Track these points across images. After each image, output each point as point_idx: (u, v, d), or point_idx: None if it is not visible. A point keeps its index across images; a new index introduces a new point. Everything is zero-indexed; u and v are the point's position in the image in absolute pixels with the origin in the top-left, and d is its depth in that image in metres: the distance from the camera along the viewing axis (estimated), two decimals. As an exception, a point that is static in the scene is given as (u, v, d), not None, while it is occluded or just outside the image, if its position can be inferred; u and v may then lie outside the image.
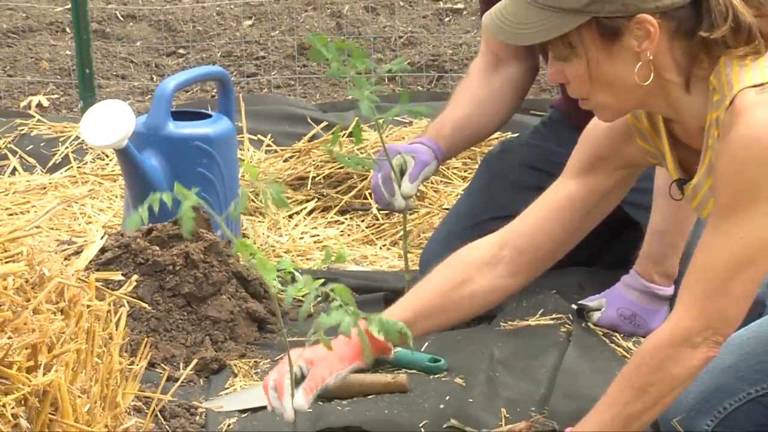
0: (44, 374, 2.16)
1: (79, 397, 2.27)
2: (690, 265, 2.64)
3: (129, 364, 2.52)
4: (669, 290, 3.41)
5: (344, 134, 4.46)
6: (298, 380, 2.74)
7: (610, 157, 2.86)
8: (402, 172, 3.59)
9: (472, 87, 3.83)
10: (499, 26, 2.64)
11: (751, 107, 2.53)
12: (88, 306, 2.32)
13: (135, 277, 2.58)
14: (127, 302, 2.60)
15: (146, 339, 2.84)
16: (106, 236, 3.34)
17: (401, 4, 6.15)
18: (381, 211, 4.22)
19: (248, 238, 3.95)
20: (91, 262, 3.20)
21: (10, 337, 2.12)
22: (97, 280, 2.42)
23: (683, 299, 2.62)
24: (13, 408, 2.11)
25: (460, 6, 6.20)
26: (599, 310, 3.40)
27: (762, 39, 2.58)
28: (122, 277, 2.55)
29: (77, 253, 2.94)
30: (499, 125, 3.92)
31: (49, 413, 2.20)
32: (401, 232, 4.11)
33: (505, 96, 3.80)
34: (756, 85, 2.55)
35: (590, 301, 3.43)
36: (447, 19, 6.11)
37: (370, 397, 3.12)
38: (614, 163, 2.86)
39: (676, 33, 2.59)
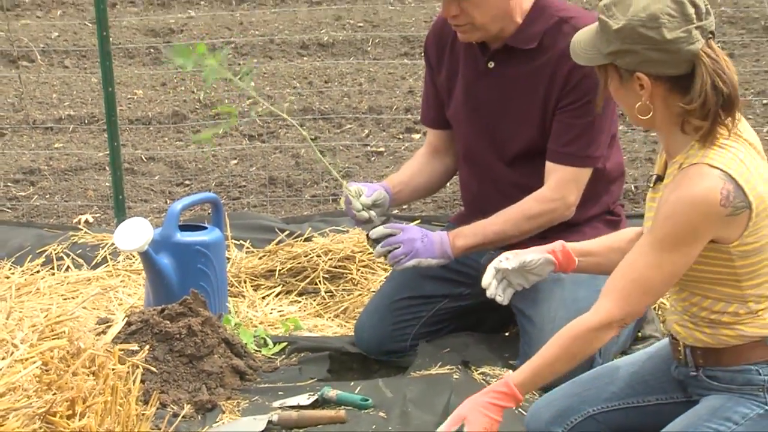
0: (79, 420, 2.14)
1: (106, 433, 2.24)
2: (618, 271, 2.64)
3: (143, 410, 2.49)
4: None
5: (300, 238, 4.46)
6: None
7: None
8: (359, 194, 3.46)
9: (416, 162, 3.72)
10: (577, 42, 2.68)
11: (699, 176, 2.54)
12: (113, 369, 2.30)
13: (147, 347, 2.58)
14: (141, 364, 2.56)
15: (155, 392, 2.82)
16: (129, 317, 3.32)
17: (341, 148, 6.17)
18: (330, 288, 4.19)
19: (232, 314, 3.92)
20: (120, 332, 3.18)
21: (54, 394, 2.10)
22: (119, 350, 2.40)
23: (610, 296, 2.62)
24: (56, 444, 2.08)
25: (382, 149, 6.22)
26: None
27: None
28: (138, 348, 2.53)
29: (109, 326, 2.91)
30: (431, 192, 3.88)
31: (84, 447, 2.17)
32: (343, 308, 4.13)
33: (438, 173, 3.69)
34: (712, 166, 2.55)
35: None
36: (373, 159, 6.13)
37: (319, 427, 3.10)
38: None
39: (670, 92, 2.60)
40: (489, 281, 2.97)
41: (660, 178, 2.73)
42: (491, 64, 3.46)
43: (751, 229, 2.59)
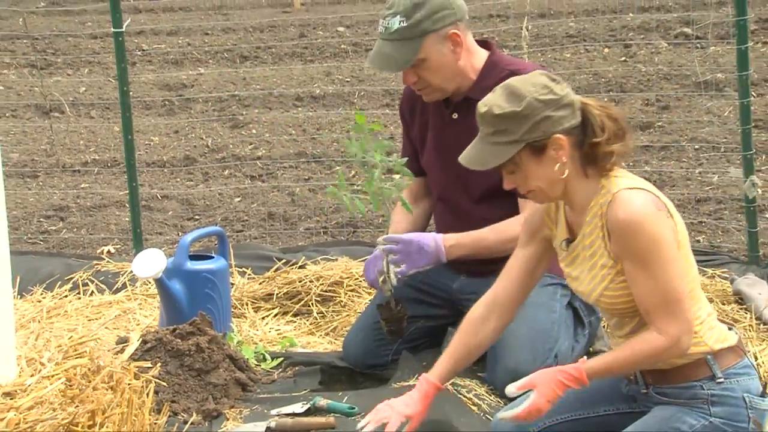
0: (99, 429, 2.10)
1: (123, 441, 2.20)
2: (642, 301, 2.57)
3: (156, 419, 2.45)
4: None
5: (295, 266, 4.43)
6: None
7: (539, 230, 2.81)
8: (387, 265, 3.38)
9: (400, 212, 3.62)
10: (472, 159, 2.65)
11: (627, 200, 2.55)
12: (129, 384, 2.26)
13: (160, 363, 2.54)
14: (154, 379, 2.52)
15: (167, 402, 2.77)
16: (145, 336, 3.29)
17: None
18: (321, 309, 4.14)
19: (236, 332, 3.87)
20: (137, 350, 3.15)
21: (77, 406, 2.06)
22: (135, 367, 2.36)
23: (657, 322, 2.55)
24: (78, 452, 2.05)
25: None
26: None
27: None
28: (150, 365, 2.49)
29: (126, 345, 2.87)
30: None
31: (103, 454, 2.14)
32: (332, 327, 4.10)
33: (418, 216, 3.63)
34: (629, 188, 2.57)
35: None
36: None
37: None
38: (540, 235, 2.81)
39: (576, 143, 2.61)
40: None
41: (570, 241, 2.72)
42: (455, 116, 3.46)
43: (678, 236, 2.58)
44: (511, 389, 2.64)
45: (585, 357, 2.67)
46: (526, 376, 2.64)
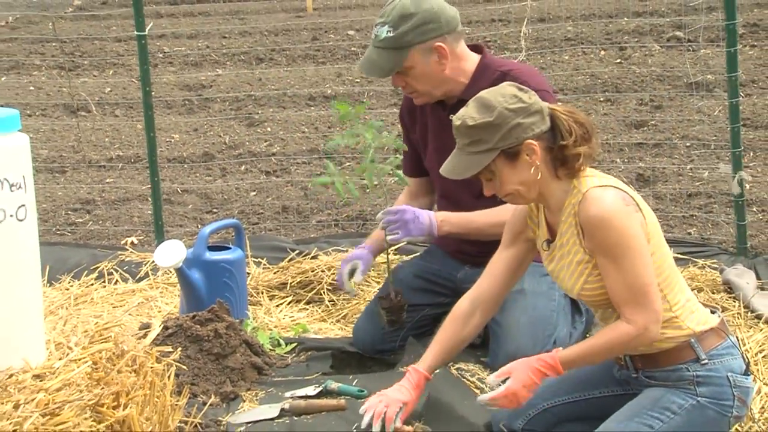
0: (123, 410, 2.10)
1: (145, 422, 2.20)
2: (613, 292, 2.58)
3: (176, 401, 2.45)
4: None
5: (308, 256, 4.42)
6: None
7: (522, 231, 2.82)
8: (353, 270, 3.51)
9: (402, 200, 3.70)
10: (451, 170, 2.67)
11: (597, 198, 2.56)
12: (151, 367, 2.26)
13: (180, 348, 2.55)
14: (175, 363, 2.52)
15: (187, 385, 2.77)
16: (166, 322, 3.29)
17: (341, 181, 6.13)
18: (333, 297, 4.14)
19: (252, 319, 3.88)
20: (158, 335, 3.15)
21: (102, 388, 2.06)
22: (156, 351, 2.36)
23: (625, 311, 2.56)
24: None
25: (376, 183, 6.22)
26: None
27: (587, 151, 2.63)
28: (171, 349, 2.49)
29: (149, 330, 2.87)
30: None
31: (127, 433, 2.14)
32: (343, 315, 4.10)
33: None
34: (598, 186, 2.58)
35: None
36: (368, 190, 6.10)
37: (323, 413, 3.06)
38: (522, 236, 2.82)
39: (546, 148, 2.63)
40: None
41: (550, 241, 2.72)
42: (452, 117, 3.44)
43: (647, 228, 2.59)
44: (491, 378, 2.66)
45: (560, 348, 2.68)
46: (506, 365, 2.66)
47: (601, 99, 7.54)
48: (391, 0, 3.34)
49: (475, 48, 3.46)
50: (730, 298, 3.90)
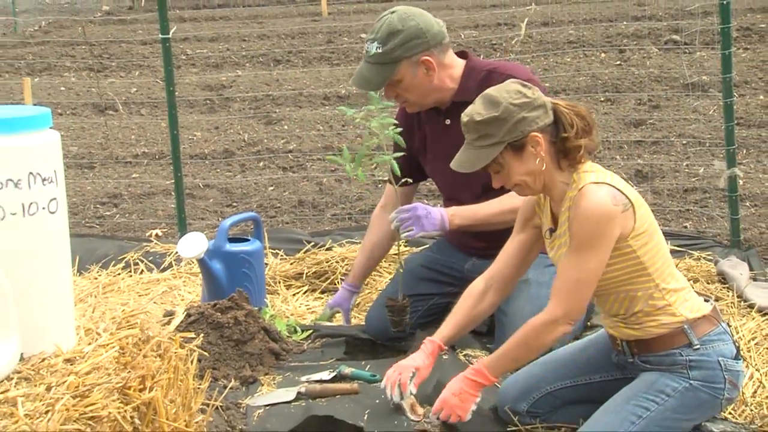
0: (149, 392, 2.10)
1: (169, 404, 2.20)
2: (556, 279, 2.63)
3: (199, 384, 2.45)
4: None
5: (323, 248, 4.41)
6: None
7: (531, 218, 2.83)
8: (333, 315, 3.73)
9: (373, 229, 3.74)
10: (461, 163, 2.68)
11: (590, 193, 2.56)
12: (175, 352, 2.26)
13: (202, 334, 2.54)
14: (197, 349, 2.52)
15: (209, 369, 2.78)
16: (189, 310, 3.29)
17: (354, 177, 6.13)
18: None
19: (269, 307, 3.88)
20: (181, 322, 3.15)
21: (129, 372, 2.06)
22: (180, 337, 2.36)
23: (553, 298, 2.61)
24: (130, 413, 2.05)
25: (386, 178, 6.23)
26: None
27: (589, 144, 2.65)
28: (194, 335, 2.49)
29: (173, 318, 2.87)
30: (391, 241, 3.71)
31: (152, 416, 2.14)
32: (357, 303, 4.06)
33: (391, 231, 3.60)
34: (595, 182, 2.58)
35: None
36: (379, 185, 6.09)
37: (338, 396, 3.06)
38: (531, 222, 2.84)
39: (550, 141, 2.63)
40: None
41: (553, 230, 2.72)
42: (447, 122, 3.46)
43: (638, 222, 2.59)
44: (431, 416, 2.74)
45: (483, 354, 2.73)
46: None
47: (602, 99, 7.52)
48: (380, 17, 3.37)
49: (460, 54, 3.49)
50: (724, 288, 3.89)
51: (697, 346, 2.61)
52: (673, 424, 2.59)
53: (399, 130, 3.21)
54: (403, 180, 3.33)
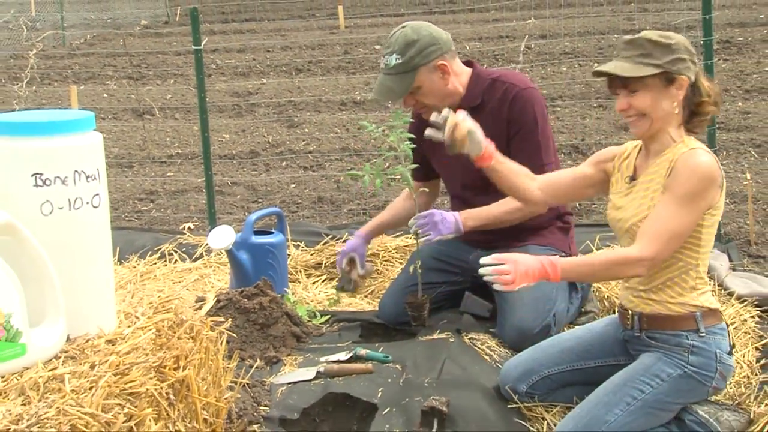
0: (182, 371, 2.10)
1: (201, 382, 2.20)
2: (649, 221, 2.51)
3: (227, 364, 2.45)
4: None
5: (340, 240, 4.39)
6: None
7: (605, 162, 2.78)
8: (352, 260, 3.71)
9: (396, 204, 3.80)
10: (615, 67, 2.58)
11: (701, 155, 2.51)
12: (206, 335, 2.26)
13: (230, 319, 2.53)
14: (226, 331, 2.51)
15: (236, 350, 2.77)
16: (218, 296, 3.29)
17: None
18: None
19: (291, 294, 3.87)
20: (211, 308, 3.15)
21: (164, 352, 2.06)
22: (210, 321, 2.36)
23: (643, 238, 2.49)
24: (166, 390, 2.05)
25: (398, 177, 6.23)
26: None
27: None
28: (223, 320, 2.49)
29: (204, 303, 2.86)
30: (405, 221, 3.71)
31: (185, 392, 2.13)
32: (370, 291, 4.07)
33: (410, 210, 3.69)
34: (704, 150, 2.54)
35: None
36: (392, 183, 6.09)
37: (354, 375, 3.05)
38: (602, 165, 2.78)
39: (687, 95, 2.59)
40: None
41: (634, 178, 2.67)
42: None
43: (720, 201, 2.55)
44: (487, 258, 2.55)
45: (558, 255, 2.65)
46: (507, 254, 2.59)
47: (595, 105, 7.48)
48: (393, 33, 3.36)
49: (467, 63, 3.48)
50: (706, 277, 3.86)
51: (703, 334, 2.58)
52: (664, 407, 2.57)
53: (413, 146, 3.20)
54: (420, 189, 3.33)
